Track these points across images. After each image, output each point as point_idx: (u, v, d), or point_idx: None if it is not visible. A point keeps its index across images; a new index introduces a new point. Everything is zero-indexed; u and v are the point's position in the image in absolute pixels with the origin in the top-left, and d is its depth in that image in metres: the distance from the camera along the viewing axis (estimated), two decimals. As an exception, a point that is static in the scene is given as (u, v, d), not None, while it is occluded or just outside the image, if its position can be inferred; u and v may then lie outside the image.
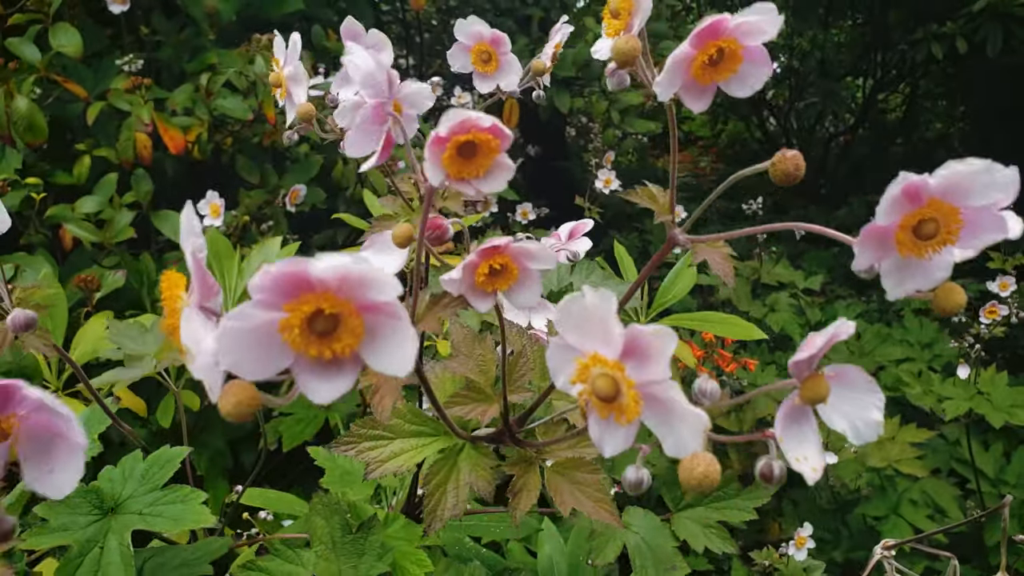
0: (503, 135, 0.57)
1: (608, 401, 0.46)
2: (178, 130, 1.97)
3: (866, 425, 0.51)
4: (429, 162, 0.57)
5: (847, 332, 0.48)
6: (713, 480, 0.44)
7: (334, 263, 0.39)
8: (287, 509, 1.11)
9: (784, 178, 0.59)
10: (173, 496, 0.78)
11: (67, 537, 0.74)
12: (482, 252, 0.61)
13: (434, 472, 0.70)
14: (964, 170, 0.49)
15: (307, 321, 0.41)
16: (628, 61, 0.60)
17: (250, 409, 0.42)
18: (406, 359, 0.42)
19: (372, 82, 0.64)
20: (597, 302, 0.44)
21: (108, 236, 1.87)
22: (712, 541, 1.08)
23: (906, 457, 2.19)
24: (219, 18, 2.18)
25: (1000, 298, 2.28)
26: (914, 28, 3.90)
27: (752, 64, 0.59)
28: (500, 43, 0.86)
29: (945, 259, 0.52)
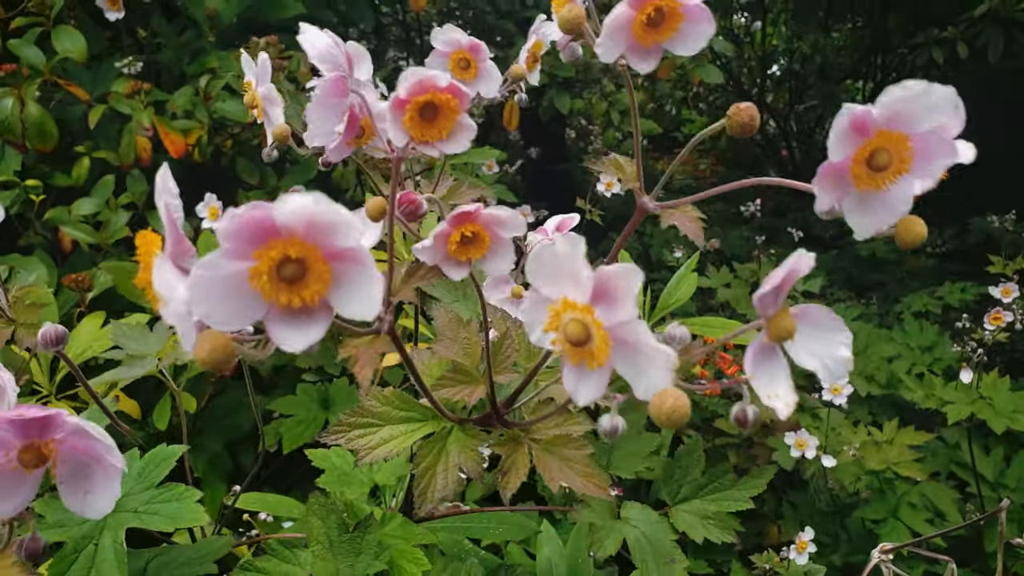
0: (461, 94, 0.58)
1: (580, 345, 0.46)
2: (179, 134, 1.97)
3: (835, 362, 0.52)
4: (391, 125, 0.58)
5: (807, 265, 0.49)
6: (683, 412, 0.44)
7: (297, 205, 0.40)
8: (285, 512, 1.11)
9: (740, 129, 0.60)
10: (168, 495, 0.78)
11: (62, 534, 0.74)
12: (453, 219, 0.62)
13: (423, 455, 0.70)
14: (903, 94, 0.50)
15: (275, 268, 0.42)
16: (574, 29, 0.62)
17: (224, 356, 0.42)
18: (373, 301, 0.43)
19: (328, 57, 0.64)
20: (567, 247, 0.45)
21: (104, 237, 1.87)
22: (711, 531, 1.08)
23: (905, 460, 2.18)
24: (219, 20, 2.18)
25: (1003, 304, 2.28)
26: (914, 32, 3.90)
27: (692, 23, 0.61)
28: (478, 50, 0.86)
29: (904, 190, 0.53)
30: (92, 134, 2.05)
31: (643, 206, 0.67)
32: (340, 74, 0.64)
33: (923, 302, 3.17)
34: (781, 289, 0.49)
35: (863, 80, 5.16)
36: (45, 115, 1.83)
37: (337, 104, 0.63)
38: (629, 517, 1.04)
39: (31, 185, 1.88)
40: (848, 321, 2.98)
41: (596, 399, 0.48)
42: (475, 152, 2.44)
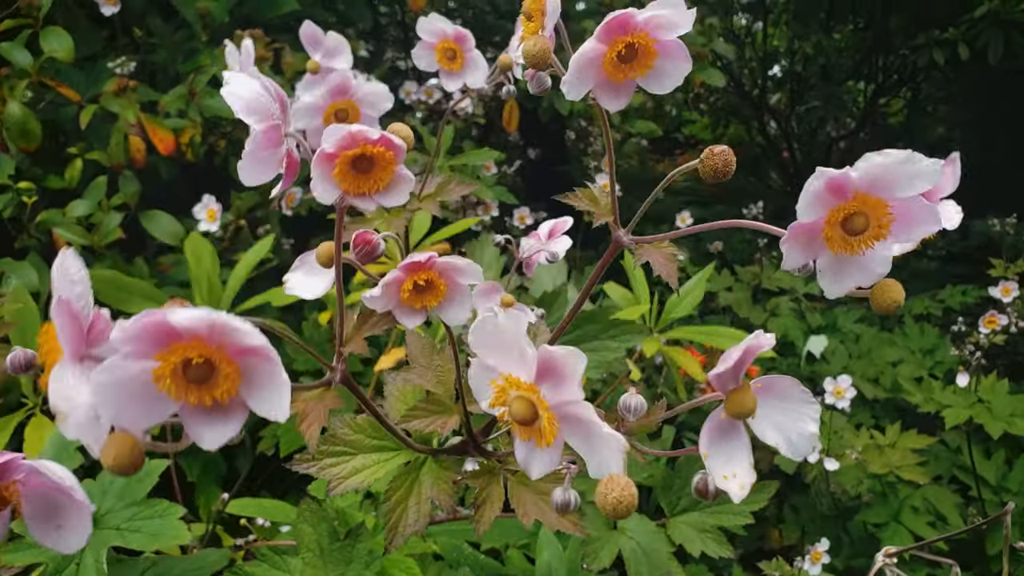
0: (396, 147, 0.55)
1: (526, 424, 0.45)
2: (167, 131, 1.95)
3: (800, 437, 0.49)
4: (317, 180, 0.55)
5: (767, 343, 0.47)
6: (628, 505, 0.43)
7: (191, 315, 0.39)
8: (276, 517, 1.10)
9: (713, 174, 0.57)
10: (151, 511, 0.76)
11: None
12: (405, 268, 0.60)
13: (395, 488, 0.68)
14: (884, 161, 0.47)
15: (180, 370, 0.40)
16: (539, 63, 0.59)
17: (131, 460, 0.41)
18: (283, 405, 0.41)
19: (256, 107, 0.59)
20: (509, 323, 0.44)
21: (97, 239, 1.85)
22: (708, 546, 1.06)
23: (907, 464, 2.17)
24: (211, 19, 2.17)
25: (1001, 305, 2.26)
26: (916, 33, 3.89)
27: (669, 59, 0.57)
28: (463, 40, 0.84)
29: (881, 254, 0.51)
30: (85, 135, 2.04)
31: (618, 240, 0.65)
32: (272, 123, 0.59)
33: (924, 305, 3.15)
34: (740, 366, 0.47)
35: (865, 81, 5.15)
36: (28, 114, 1.81)
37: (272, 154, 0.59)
38: (626, 528, 1.03)
39: (24, 188, 1.86)
40: (850, 324, 2.96)
41: (549, 472, 0.47)
42: (474, 153, 2.43)
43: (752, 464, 0.48)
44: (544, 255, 0.85)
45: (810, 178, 0.48)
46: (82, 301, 0.45)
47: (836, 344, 2.79)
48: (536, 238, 0.88)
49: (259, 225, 2.19)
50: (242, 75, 0.59)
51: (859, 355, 2.78)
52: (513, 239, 0.92)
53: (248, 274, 1.69)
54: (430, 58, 0.87)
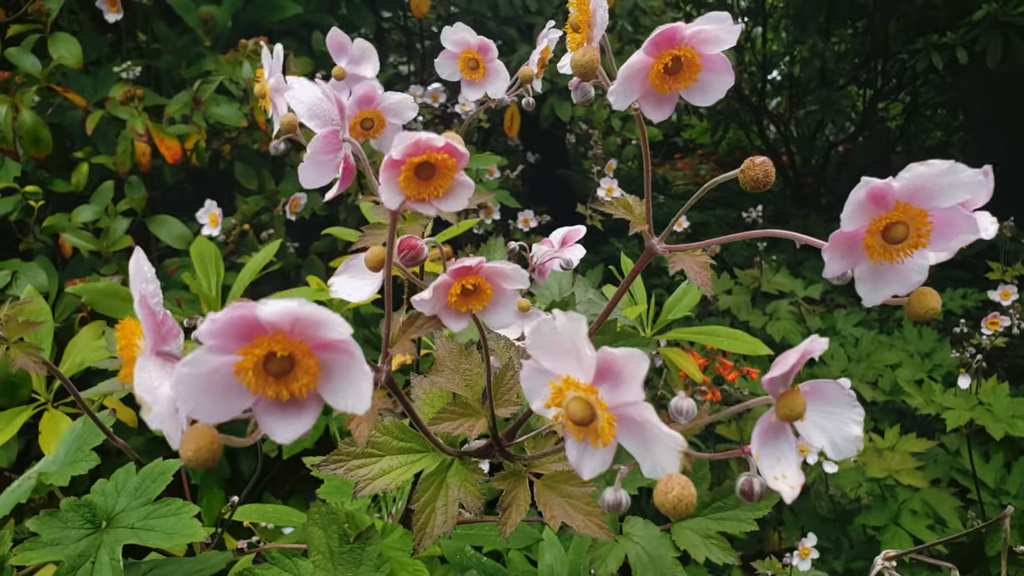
0: (459, 154, 0.56)
1: (583, 425, 0.45)
2: (174, 139, 1.97)
3: (845, 440, 0.50)
4: (384, 186, 0.56)
5: (820, 348, 0.47)
6: (688, 503, 0.44)
7: (280, 308, 0.39)
8: (282, 522, 1.10)
9: (753, 184, 0.58)
10: (165, 510, 0.77)
11: (59, 552, 0.73)
12: (455, 272, 0.61)
13: (423, 490, 0.69)
14: (927, 172, 0.48)
15: (262, 363, 0.41)
16: (588, 73, 0.60)
17: (210, 453, 0.42)
18: (363, 396, 0.42)
19: (318, 112, 0.61)
20: (567, 325, 0.44)
21: (105, 245, 1.86)
22: (712, 551, 1.07)
23: (906, 467, 2.18)
24: (214, 25, 2.18)
25: (1001, 308, 2.27)
26: (914, 38, 3.90)
27: (713, 73, 0.59)
28: (487, 50, 0.85)
29: (919, 262, 0.52)
30: (91, 140, 2.05)
31: (652, 248, 0.66)
32: (332, 129, 0.61)
33: (924, 308, 3.16)
34: (794, 370, 0.47)
35: (863, 86, 5.16)
36: (39, 122, 1.82)
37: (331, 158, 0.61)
38: (631, 532, 1.03)
39: (30, 191, 1.87)
40: (849, 327, 2.97)
41: (601, 472, 0.47)
42: (477, 158, 2.44)
43: (799, 466, 0.48)
44: (558, 262, 0.86)
45: (855, 188, 0.49)
46: (155, 299, 0.46)
47: (835, 347, 2.81)
48: (548, 245, 0.89)
49: (263, 229, 2.20)
50: (304, 80, 0.62)
51: (858, 358, 2.79)
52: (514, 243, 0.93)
53: (253, 277, 1.70)
54: (453, 67, 0.88)
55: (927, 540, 2.06)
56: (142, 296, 0.45)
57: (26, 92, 1.86)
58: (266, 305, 0.39)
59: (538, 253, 0.87)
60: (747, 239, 0.66)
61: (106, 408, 1.23)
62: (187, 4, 2.18)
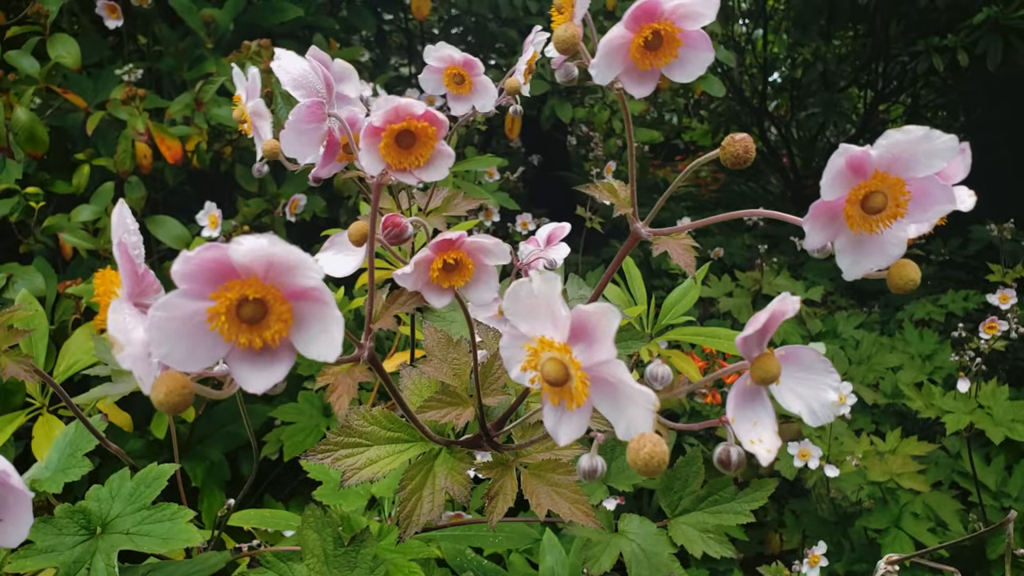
0: (439, 122, 0.56)
1: (558, 385, 0.45)
2: (175, 140, 1.97)
3: (822, 406, 0.50)
4: (365, 153, 0.56)
5: (793, 308, 0.47)
6: (660, 460, 0.43)
7: (253, 245, 0.39)
8: (279, 526, 1.10)
9: (734, 160, 0.59)
10: (160, 515, 0.77)
11: (53, 559, 0.72)
12: (436, 246, 0.61)
13: (410, 477, 0.69)
14: (904, 139, 0.49)
15: (235, 309, 0.41)
16: (569, 48, 0.60)
17: (182, 398, 0.41)
18: (334, 344, 0.42)
19: (303, 83, 0.62)
20: (543, 285, 0.44)
21: (103, 244, 1.86)
22: (710, 546, 1.06)
23: (907, 470, 2.17)
24: (216, 27, 2.18)
25: (1000, 312, 2.27)
26: (915, 40, 3.90)
27: (692, 49, 0.59)
28: (472, 66, 0.85)
29: (898, 234, 0.52)
30: (92, 142, 2.05)
31: (636, 232, 0.66)
32: (316, 100, 0.61)
33: (926, 310, 3.16)
34: (766, 331, 0.47)
35: (864, 88, 5.16)
36: (35, 120, 1.82)
37: (314, 129, 0.61)
38: (627, 530, 1.03)
39: (31, 192, 1.87)
40: (850, 330, 2.97)
41: (577, 438, 0.47)
42: (477, 160, 2.44)
43: (776, 430, 0.48)
44: (543, 262, 0.86)
45: (832, 155, 0.49)
46: (136, 251, 0.46)
47: (836, 350, 2.80)
48: (534, 244, 0.88)
49: (264, 231, 2.20)
50: (292, 53, 0.62)
51: (859, 361, 2.78)
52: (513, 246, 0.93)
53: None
54: (437, 82, 0.88)
55: (928, 543, 2.05)
56: (121, 242, 0.45)
57: (23, 91, 1.86)
58: (240, 244, 0.39)
59: (524, 253, 0.87)
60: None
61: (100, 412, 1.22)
62: (189, 6, 2.18)
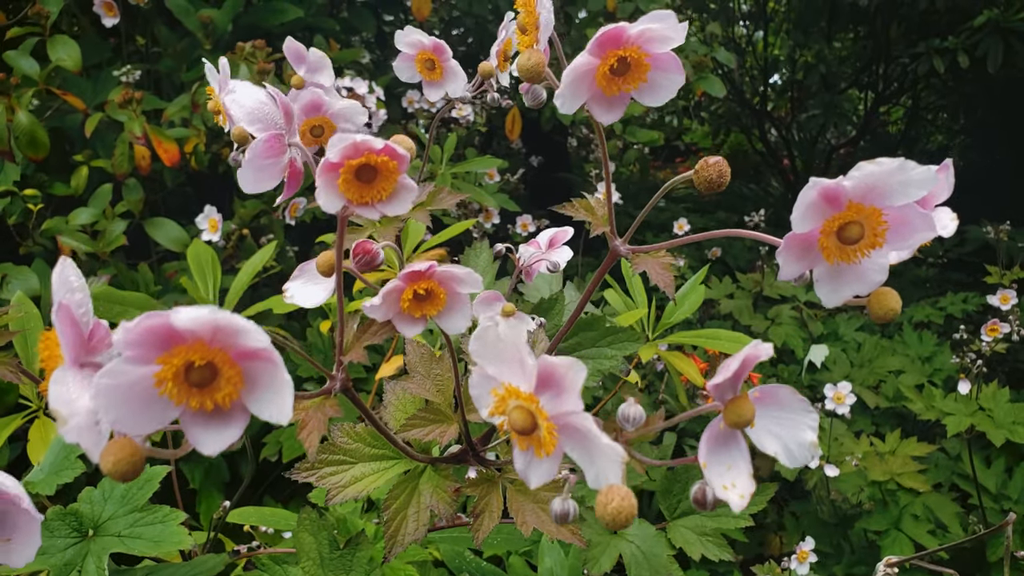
0: (399, 156, 0.55)
1: (525, 434, 0.45)
2: (172, 142, 1.96)
3: (799, 447, 0.48)
4: (322, 190, 0.55)
5: (765, 353, 0.46)
6: (627, 515, 0.43)
7: (194, 315, 0.38)
8: (278, 525, 1.10)
9: (707, 185, 0.57)
10: (152, 517, 0.76)
11: (45, 562, 0.72)
12: (406, 277, 0.60)
13: (394, 496, 0.68)
14: (877, 170, 0.47)
15: (182, 373, 0.40)
16: (534, 76, 0.59)
17: (130, 466, 0.41)
18: (284, 407, 0.42)
19: (259, 116, 0.59)
20: (510, 333, 0.44)
21: (101, 246, 1.86)
22: (708, 549, 1.06)
23: (908, 471, 2.17)
24: (214, 28, 2.18)
25: (1000, 314, 2.26)
26: (915, 42, 3.90)
27: (662, 72, 0.57)
28: (441, 51, 0.85)
29: (879, 262, 0.51)
30: (91, 143, 2.05)
31: (615, 250, 0.65)
32: (274, 133, 0.59)
33: (926, 312, 3.16)
34: (738, 377, 0.46)
35: (865, 89, 5.16)
36: (36, 124, 1.82)
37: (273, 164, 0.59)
38: (626, 532, 1.02)
39: (29, 195, 1.87)
40: (851, 332, 2.96)
41: (548, 481, 0.46)
42: (477, 161, 2.44)
43: (751, 474, 0.47)
44: (545, 264, 0.85)
45: (803, 189, 0.48)
46: (82, 308, 0.45)
47: (837, 352, 2.80)
48: (536, 246, 0.88)
49: (263, 234, 2.20)
50: (247, 84, 0.60)
51: (860, 363, 2.78)
52: (513, 247, 0.92)
53: (251, 281, 1.70)
54: (411, 70, 0.88)
55: (928, 545, 2.05)
56: (63, 304, 0.43)
57: (23, 93, 1.86)
58: (179, 313, 0.38)
59: (525, 255, 0.86)
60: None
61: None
62: (186, 7, 2.18)
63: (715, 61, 3.37)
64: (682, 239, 0.64)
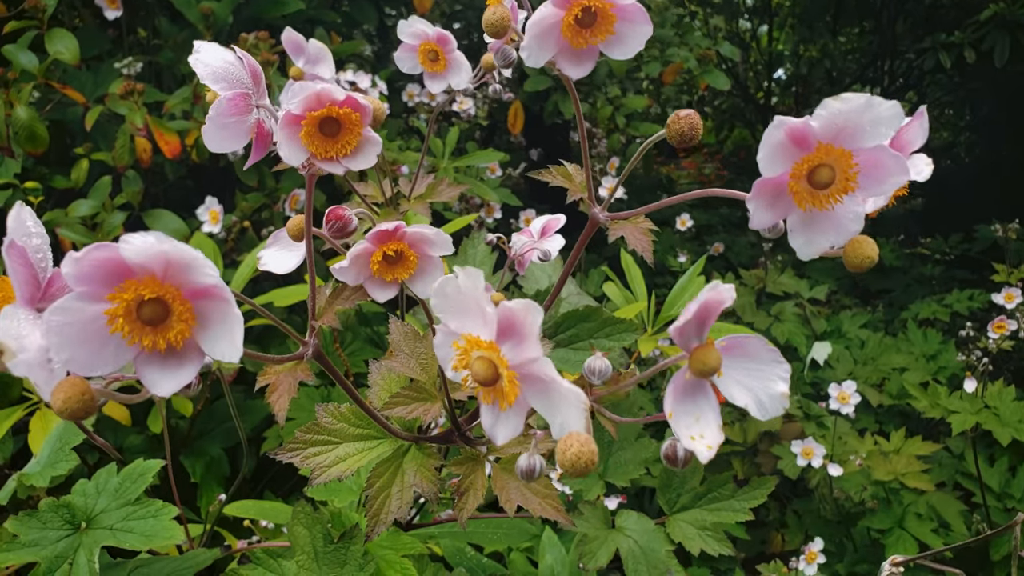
0: (361, 107, 0.55)
1: (488, 385, 0.44)
2: (173, 134, 1.95)
3: (771, 398, 0.47)
4: (285, 142, 0.54)
5: (728, 297, 0.44)
6: (587, 461, 0.42)
7: (142, 244, 0.37)
8: (277, 519, 1.09)
9: (680, 138, 0.56)
10: (144, 511, 0.76)
11: (36, 553, 0.72)
12: (374, 237, 0.59)
13: (378, 474, 0.67)
14: (843, 107, 0.46)
15: (133, 310, 0.39)
16: (499, 31, 0.58)
17: (81, 404, 0.40)
18: (235, 344, 0.41)
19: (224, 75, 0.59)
20: (468, 282, 0.43)
21: (99, 238, 1.85)
22: (708, 544, 1.05)
23: (912, 470, 2.15)
24: (215, 20, 2.17)
25: (1007, 312, 2.24)
26: (922, 37, 3.88)
27: (629, 23, 0.57)
28: (446, 42, 0.84)
29: (854, 209, 0.49)
30: (91, 136, 2.04)
31: (594, 217, 0.64)
32: (240, 92, 0.59)
33: (931, 309, 3.14)
34: (702, 320, 0.45)
35: (870, 85, 5.13)
36: (35, 118, 1.81)
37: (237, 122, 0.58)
38: (624, 526, 1.01)
39: (30, 187, 1.86)
40: (855, 329, 2.95)
41: (514, 437, 0.46)
42: (478, 155, 2.43)
43: (720, 425, 0.46)
44: (536, 253, 0.84)
45: (768, 127, 0.46)
46: (39, 254, 0.44)
47: (841, 350, 2.78)
48: (528, 235, 0.87)
49: (264, 226, 2.19)
50: (213, 44, 0.60)
51: (864, 361, 2.76)
52: (506, 238, 0.91)
53: (252, 274, 1.69)
54: (413, 61, 0.86)
55: (932, 543, 2.03)
56: (15, 243, 0.43)
57: (22, 88, 1.85)
58: (128, 242, 0.37)
59: (517, 244, 0.85)
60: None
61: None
62: (187, -1, 2.17)
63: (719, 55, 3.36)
64: (658, 203, 0.63)
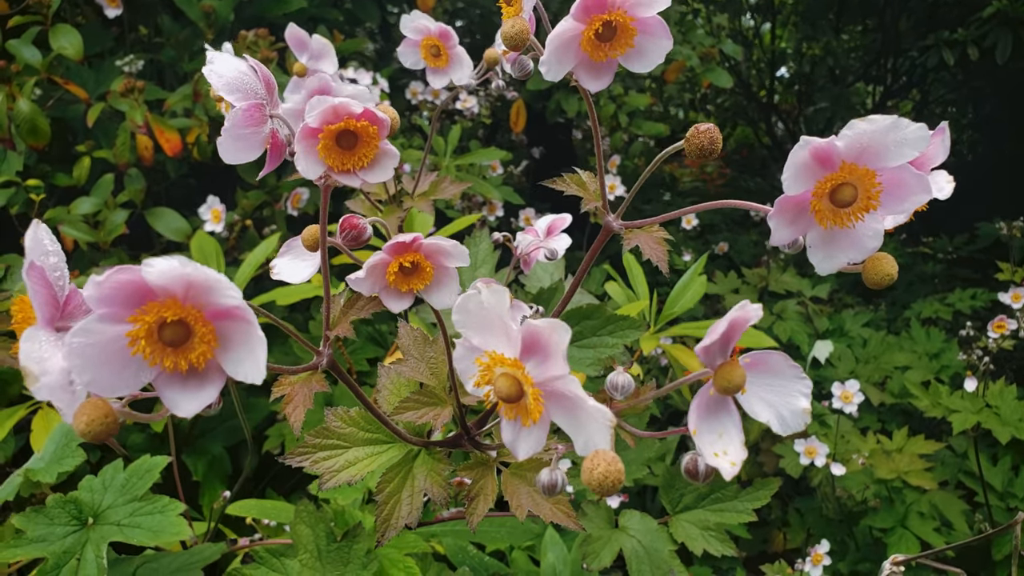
0: (379, 120, 0.54)
1: (512, 402, 0.44)
2: (174, 132, 1.95)
3: (792, 414, 0.48)
4: (302, 156, 0.54)
5: (755, 315, 0.45)
6: (614, 480, 0.41)
7: (165, 268, 0.37)
8: (279, 517, 1.09)
9: (699, 153, 0.56)
10: (151, 507, 0.76)
11: (44, 549, 0.72)
12: (391, 249, 0.59)
13: (387, 480, 0.67)
14: (869, 128, 0.46)
15: (155, 331, 0.39)
16: (518, 44, 0.58)
17: (104, 427, 0.40)
18: (259, 364, 0.41)
19: (239, 85, 0.59)
20: (492, 298, 0.43)
21: (102, 236, 1.85)
22: (711, 544, 1.05)
23: (914, 469, 2.15)
24: (216, 18, 2.17)
25: (1009, 311, 2.24)
26: (925, 34, 3.87)
27: (649, 37, 0.57)
28: (447, 37, 0.84)
29: (873, 227, 0.49)
30: (93, 133, 2.04)
31: (608, 226, 0.64)
32: (254, 103, 0.58)
33: (934, 308, 3.13)
34: (727, 339, 0.45)
35: (873, 83, 5.13)
36: (36, 111, 1.81)
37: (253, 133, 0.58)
38: (627, 526, 1.01)
39: (32, 185, 1.86)
40: (857, 328, 2.94)
41: (536, 452, 0.46)
42: (480, 153, 2.42)
43: (743, 441, 0.46)
44: (543, 252, 0.84)
45: (794, 147, 0.46)
46: (57, 272, 0.44)
47: (843, 348, 2.78)
48: (533, 234, 0.86)
49: (265, 225, 2.19)
50: (226, 55, 0.59)
51: (866, 359, 2.76)
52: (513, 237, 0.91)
53: (254, 272, 1.69)
54: (416, 56, 0.86)
55: (934, 542, 2.03)
56: (35, 264, 0.43)
57: (25, 82, 1.85)
58: (150, 265, 0.37)
59: (523, 243, 0.85)
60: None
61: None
62: (189, -3, 2.17)
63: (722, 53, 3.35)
64: (672, 214, 0.63)
